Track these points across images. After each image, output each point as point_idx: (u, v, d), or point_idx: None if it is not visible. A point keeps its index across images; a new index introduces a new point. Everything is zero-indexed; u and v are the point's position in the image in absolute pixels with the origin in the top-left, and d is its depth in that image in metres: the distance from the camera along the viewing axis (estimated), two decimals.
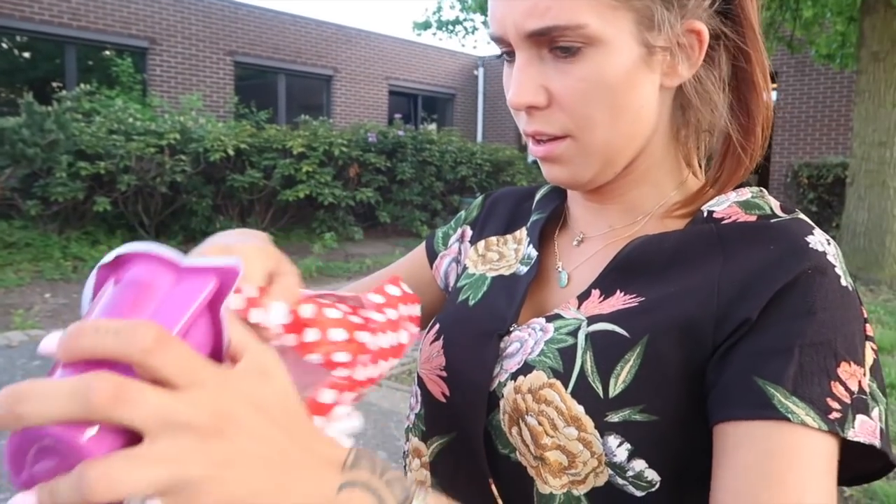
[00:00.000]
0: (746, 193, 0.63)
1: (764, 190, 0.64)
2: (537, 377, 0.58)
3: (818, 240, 0.56)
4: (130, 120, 8.63)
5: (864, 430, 0.50)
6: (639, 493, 0.55)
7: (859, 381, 0.51)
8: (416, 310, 0.58)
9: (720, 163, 0.64)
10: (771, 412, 0.49)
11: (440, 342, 0.69)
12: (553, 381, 0.57)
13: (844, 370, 0.51)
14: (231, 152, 8.80)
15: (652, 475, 0.55)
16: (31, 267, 7.11)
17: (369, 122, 11.73)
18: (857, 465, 0.53)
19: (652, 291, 0.59)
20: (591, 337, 0.58)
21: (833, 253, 0.55)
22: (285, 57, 12.91)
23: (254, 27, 12.42)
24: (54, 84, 10.27)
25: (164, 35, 11.19)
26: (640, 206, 0.66)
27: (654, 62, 0.59)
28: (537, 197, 0.78)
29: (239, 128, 9.53)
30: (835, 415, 0.49)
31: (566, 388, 0.56)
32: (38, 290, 6.50)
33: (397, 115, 12.09)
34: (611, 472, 0.55)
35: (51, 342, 0.30)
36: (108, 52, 10.66)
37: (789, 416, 0.49)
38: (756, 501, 0.47)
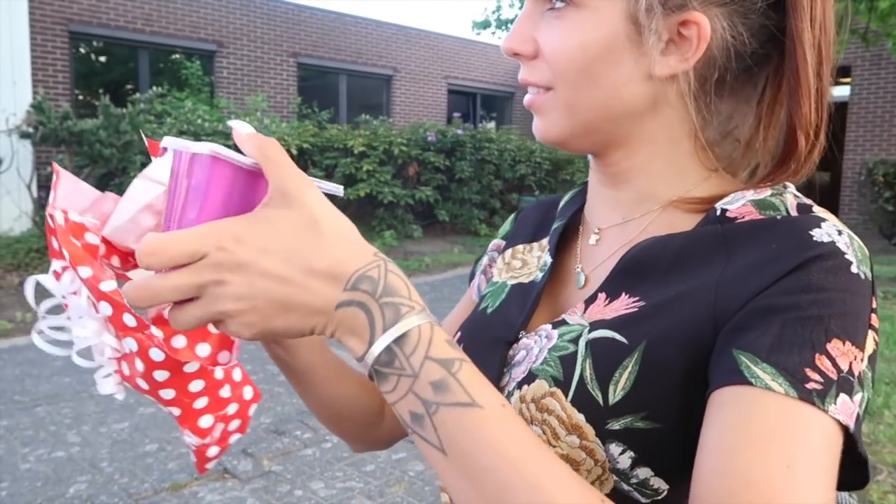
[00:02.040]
0: (766, 191, 0.60)
1: (789, 185, 0.61)
2: (539, 386, 0.58)
3: (825, 231, 0.53)
4: (199, 121, 8.93)
5: (844, 410, 0.47)
6: (644, 500, 0.54)
7: (851, 363, 0.49)
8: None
9: (764, 168, 0.63)
10: (737, 377, 0.48)
11: None
12: (554, 389, 0.57)
13: (836, 347, 0.49)
14: (294, 152, 9.01)
15: (659, 483, 0.54)
16: None
17: (428, 121, 11.81)
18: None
19: (653, 296, 0.58)
20: (590, 344, 0.57)
21: (845, 242, 0.53)
22: (346, 58, 13.11)
23: (316, 29, 12.66)
24: (128, 87, 10.71)
25: (230, 38, 11.53)
26: (653, 197, 0.64)
27: (646, 45, 0.58)
28: (560, 205, 0.78)
29: (302, 128, 9.75)
30: (813, 385, 0.47)
31: (566, 396, 0.56)
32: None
33: (456, 114, 12.13)
34: (616, 478, 0.54)
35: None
36: (177, 56, 11.04)
37: (753, 380, 0.47)
38: (730, 464, 0.45)
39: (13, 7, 8.46)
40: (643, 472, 0.54)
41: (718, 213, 0.59)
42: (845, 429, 0.47)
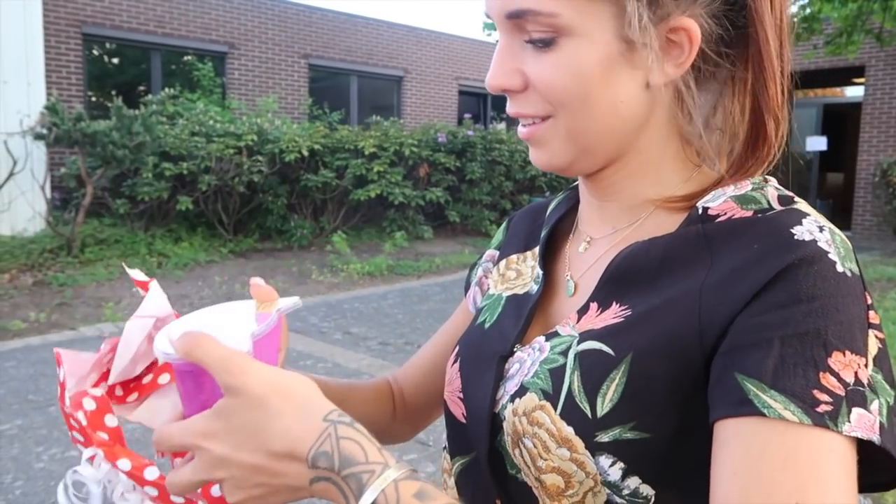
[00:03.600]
0: (747, 185, 0.59)
1: (770, 179, 0.61)
2: (530, 399, 0.59)
3: (806, 228, 0.53)
4: (211, 122, 8.98)
5: (862, 424, 0.46)
6: None
7: (856, 372, 0.48)
8: None
9: (735, 159, 0.62)
10: (748, 408, 0.47)
11: (457, 365, 0.70)
12: (544, 402, 0.57)
13: (837, 360, 0.48)
14: (305, 153, 9.04)
15: (646, 490, 0.54)
16: (120, 262, 7.49)
17: (439, 123, 11.82)
18: (866, 474, 0.49)
19: (640, 304, 0.57)
20: (579, 356, 0.57)
21: (826, 239, 0.52)
22: (357, 59, 13.14)
23: (327, 30, 12.70)
24: (141, 88, 10.78)
25: (242, 40, 11.58)
26: (641, 205, 0.64)
27: (638, 59, 0.57)
28: (549, 210, 0.77)
29: (313, 129, 9.78)
30: (824, 408, 0.46)
31: (555, 409, 0.56)
32: (126, 284, 6.85)
33: (467, 115, 12.12)
34: (608, 491, 0.55)
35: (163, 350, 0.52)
36: (189, 57, 11.10)
37: (765, 410, 0.46)
38: None
39: (27, 9, 8.54)
40: (633, 482, 0.54)
41: (700, 211, 0.59)
42: (868, 442, 0.47)
